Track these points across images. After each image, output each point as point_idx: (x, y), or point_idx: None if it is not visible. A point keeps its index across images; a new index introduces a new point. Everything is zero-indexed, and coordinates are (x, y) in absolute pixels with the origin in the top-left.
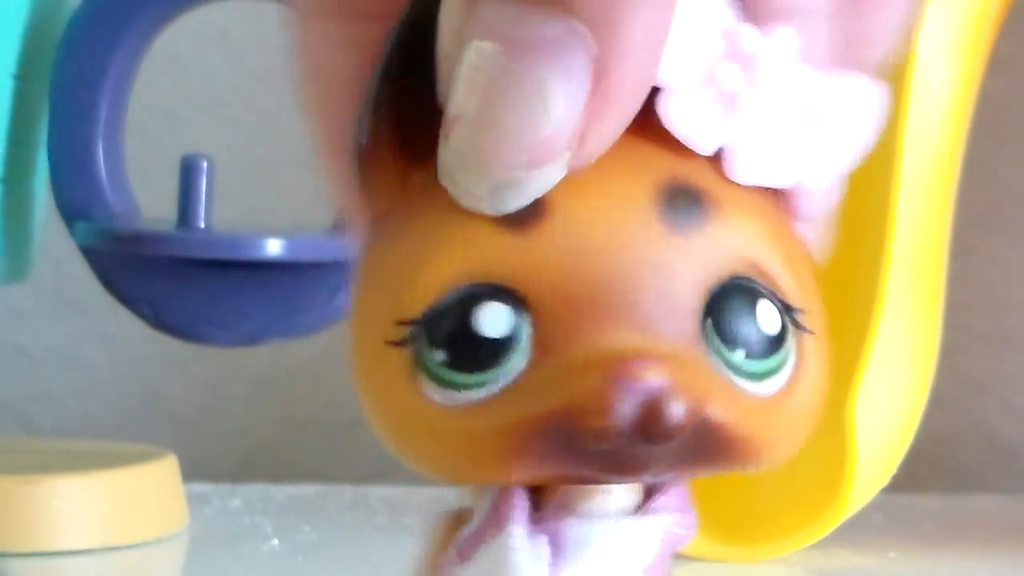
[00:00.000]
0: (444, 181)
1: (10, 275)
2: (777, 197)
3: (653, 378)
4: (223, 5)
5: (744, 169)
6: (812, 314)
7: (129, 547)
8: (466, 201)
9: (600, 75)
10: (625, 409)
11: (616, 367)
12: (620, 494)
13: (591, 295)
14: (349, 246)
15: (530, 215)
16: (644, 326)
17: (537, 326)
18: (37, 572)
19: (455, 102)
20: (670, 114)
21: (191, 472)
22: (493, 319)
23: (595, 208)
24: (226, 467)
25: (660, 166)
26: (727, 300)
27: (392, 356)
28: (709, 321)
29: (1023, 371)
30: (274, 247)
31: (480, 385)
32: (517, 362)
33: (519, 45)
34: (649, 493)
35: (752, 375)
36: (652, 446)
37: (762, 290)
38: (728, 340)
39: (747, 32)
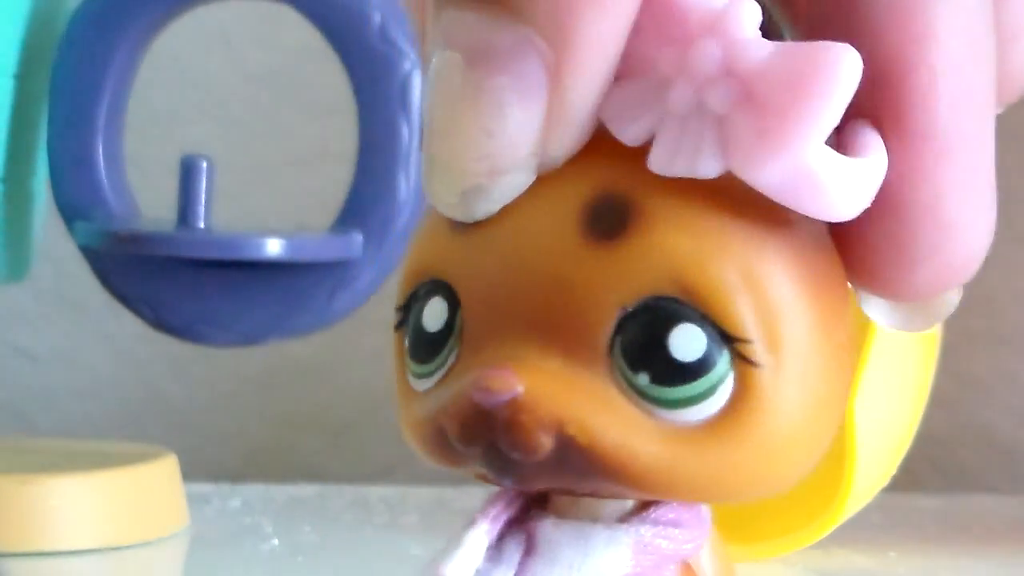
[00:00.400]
0: (424, 188)
1: (10, 275)
2: (776, 211)
3: (502, 389)
4: (223, 5)
5: (657, 159)
6: (783, 345)
7: (129, 547)
8: (442, 208)
9: (556, 81)
10: (474, 417)
11: (477, 376)
12: (615, 500)
13: (501, 301)
14: (349, 246)
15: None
16: (544, 339)
17: (464, 326)
18: (37, 572)
19: (426, 108)
20: (603, 103)
21: (191, 472)
22: (432, 313)
23: (520, 216)
24: (226, 467)
25: (596, 175)
26: (638, 321)
27: (396, 338)
28: (618, 340)
29: (1023, 371)
30: (274, 247)
31: (425, 375)
32: (448, 358)
33: (476, 55)
34: (648, 502)
35: (662, 402)
36: (515, 457)
37: (686, 313)
38: (632, 363)
39: (691, 10)
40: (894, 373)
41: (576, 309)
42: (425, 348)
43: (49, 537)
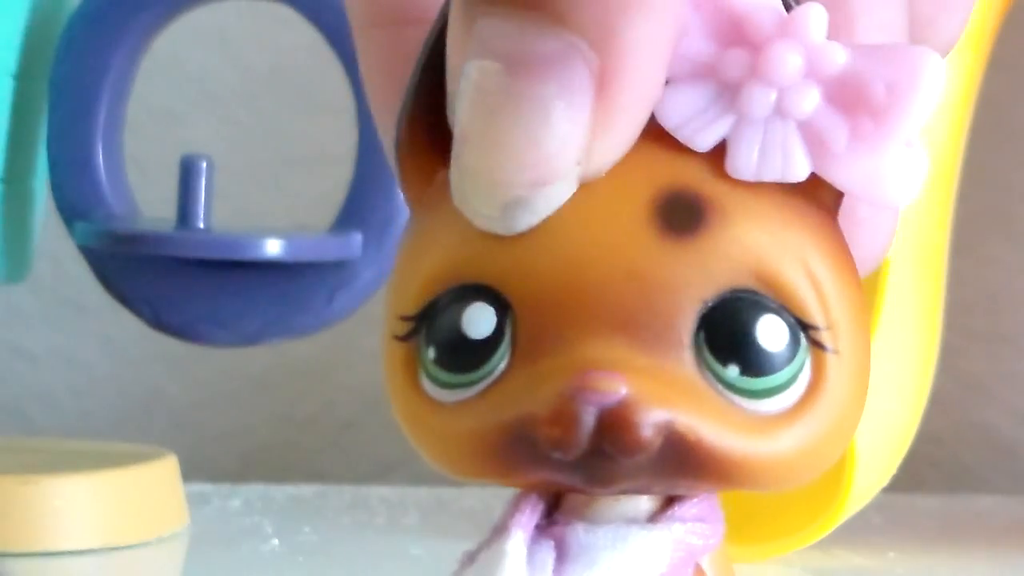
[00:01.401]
0: (456, 202)
1: (10, 275)
2: (814, 199)
3: (611, 390)
4: (223, 5)
5: (743, 164)
6: (840, 332)
7: (129, 547)
8: (479, 222)
9: (603, 88)
10: (582, 421)
11: (575, 378)
12: (634, 500)
13: (572, 303)
14: (349, 246)
15: None
16: (626, 337)
17: (519, 330)
18: (37, 572)
19: (461, 121)
20: (663, 109)
21: (191, 472)
22: (476, 320)
23: (584, 215)
24: (226, 467)
25: (661, 171)
26: (722, 314)
27: (398, 349)
28: (702, 335)
29: (1023, 371)
30: (274, 247)
31: (465, 385)
32: (498, 365)
33: (518, 63)
34: (670, 499)
35: (749, 393)
36: (619, 460)
37: (767, 304)
38: (720, 355)
39: (757, 12)
40: (894, 373)
41: (657, 305)
42: (466, 357)
43: (49, 537)
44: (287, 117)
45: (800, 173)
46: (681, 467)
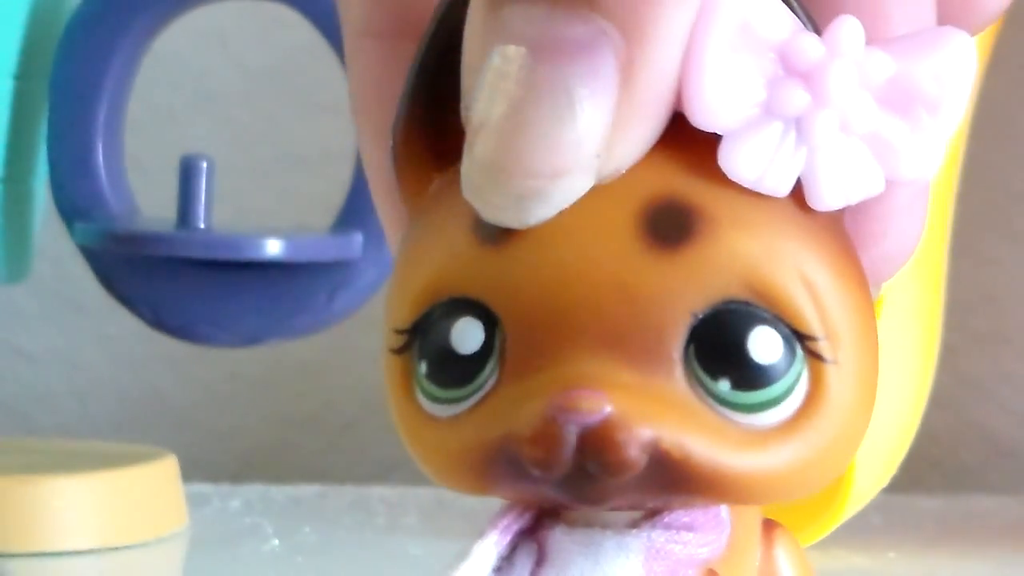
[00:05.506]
0: (468, 194)
1: (10, 275)
2: (812, 209)
3: (593, 409)
4: (223, 5)
5: (829, 195)
6: (841, 341)
7: (129, 547)
8: (490, 214)
9: (629, 78)
10: (564, 441)
11: (557, 396)
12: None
13: (557, 316)
14: (349, 246)
15: (505, 230)
16: (613, 352)
17: (507, 345)
18: (37, 572)
19: (479, 110)
20: (735, 163)
21: (191, 472)
22: (465, 335)
23: (570, 226)
24: (226, 467)
25: (650, 181)
26: (712, 326)
27: (394, 362)
28: (692, 348)
29: (1023, 371)
30: (274, 247)
31: (455, 400)
32: (488, 380)
33: (543, 47)
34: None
35: (742, 407)
36: (604, 479)
37: (761, 315)
38: (710, 370)
39: (802, 41)
40: (894, 373)
41: (645, 319)
42: (455, 372)
43: (49, 537)
44: (287, 117)
45: (879, 184)
46: (670, 485)
